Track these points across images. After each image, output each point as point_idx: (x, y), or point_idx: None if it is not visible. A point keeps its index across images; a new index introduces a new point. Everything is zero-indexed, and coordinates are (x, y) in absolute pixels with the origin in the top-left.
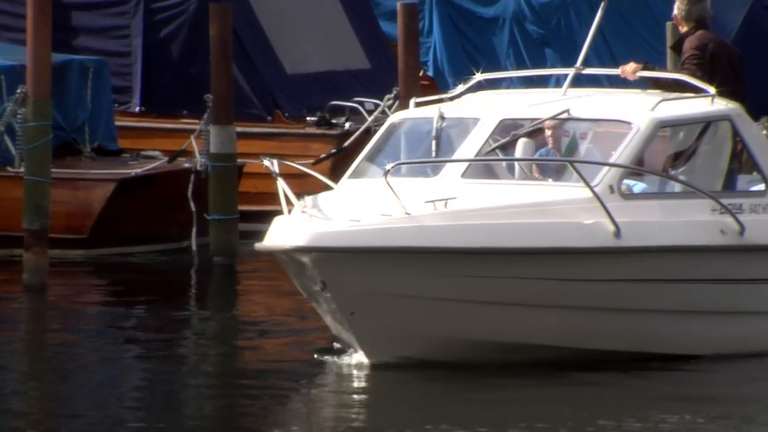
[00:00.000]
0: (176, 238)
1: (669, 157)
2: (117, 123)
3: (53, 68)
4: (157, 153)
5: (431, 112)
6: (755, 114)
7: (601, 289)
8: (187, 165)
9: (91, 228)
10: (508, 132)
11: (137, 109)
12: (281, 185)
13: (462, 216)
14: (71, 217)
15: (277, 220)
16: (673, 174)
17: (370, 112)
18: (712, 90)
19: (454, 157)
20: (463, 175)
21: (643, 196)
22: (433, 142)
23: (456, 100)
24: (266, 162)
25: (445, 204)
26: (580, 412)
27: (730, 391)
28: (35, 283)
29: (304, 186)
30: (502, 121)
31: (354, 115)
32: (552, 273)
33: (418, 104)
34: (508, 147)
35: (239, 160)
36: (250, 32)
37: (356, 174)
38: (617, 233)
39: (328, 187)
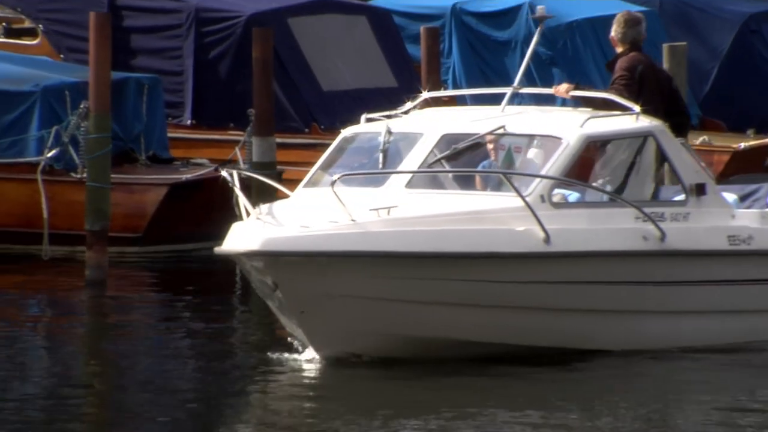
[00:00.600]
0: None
1: (597, 169)
2: (170, 134)
3: (112, 85)
4: (205, 161)
5: (380, 127)
6: (742, 127)
7: (532, 291)
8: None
9: (146, 228)
10: (449, 146)
11: (188, 122)
12: (239, 194)
13: (403, 223)
14: (128, 218)
15: (234, 226)
16: (601, 185)
17: None
18: (637, 108)
19: (399, 168)
20: (407, 185)
21: (573, 205)
22: (380, 155)
23: (404, 116)
24: (224, 173)
25: (388, 212)
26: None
27: (648, 384)
28: (96, 278)
29: None
30: (443, 136)
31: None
32: (486, 275)
33: (368, 120)
34: (450, 159)
35: (279, 168)
36: (290, 54)
37: (310, 183)
38: (547, 239)
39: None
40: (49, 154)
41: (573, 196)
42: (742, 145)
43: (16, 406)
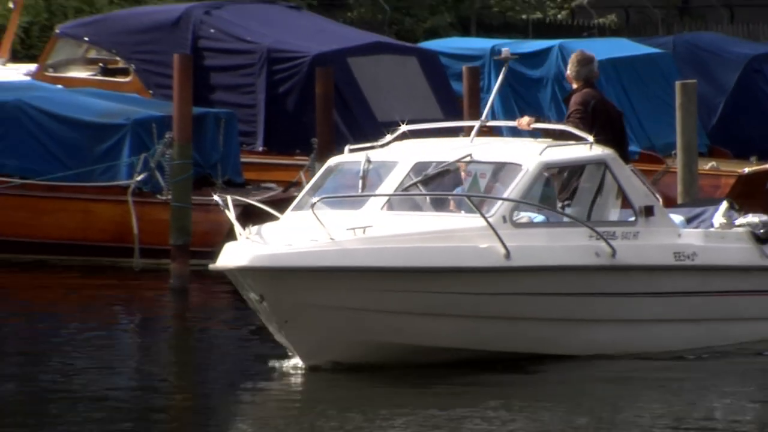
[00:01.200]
0: None
1: (556, 193)
2: (243, 159)
3: (193, 119)
4: (273, 184)
5: (360, 156)
6: (746, 154)
7: (494, 302)
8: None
9: (221, 243)
10: (421, 172)
11: (260, 148)
12: (231, 218)
13: (376, 241)
14: (206, 234)
15: (227, 245)
16: (561, 207)
17: None
18: (590, 138)
19: (377, 192)
20: (382, 208)
21: (532, 224)
22: (360, 181)
23: (384, 147)
24: (217, 197)
25: (363, 231)
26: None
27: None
28: (179, 286)
29: None
30: (416, 164)
31: None
32: (452, 288)
33: (351, 150)
34: (422, 184)
35: None
36: (349, 89)
37: (297, 207)
38: (507, 255)
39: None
40: (138, 178)
41: (539, 217)
42: (746, 170)
43: (106, 395)
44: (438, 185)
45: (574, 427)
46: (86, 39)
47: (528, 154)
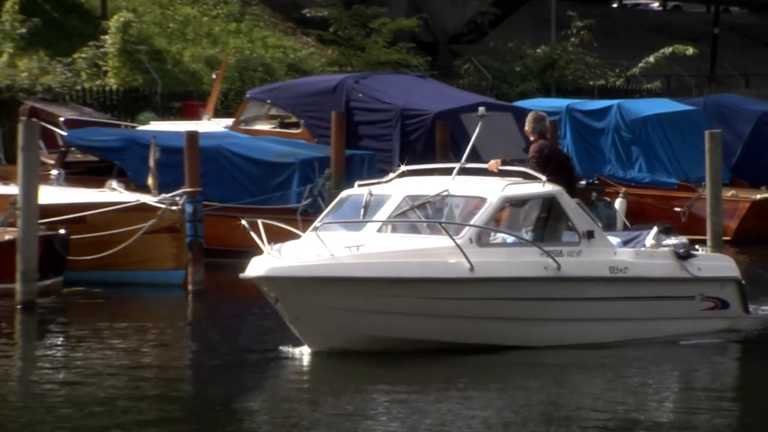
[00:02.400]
0: None
1: (520, 219)
2: None
3: (345, 158)
4: None
5: (364, 190)
6: (758, 185)
7: (462, 305)
8: None
9: None
10: (409, 204)
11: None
12: (255, 237)
13: (367, 256)
14: None
15: (253, 259)
16: (523, 231)
17: None
18: (544, 178)
19: (373, 221)
20: (377, 231)
21: (494, 244)
22: (362, 209)
23: (386, 183)
24: (244, 222)
25: (357, 249)
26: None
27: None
28: None
29: None
30: (406, 197)
31: None
32: (427, 294)
33: (360, 185)
34: (409, 213)
35: None
36: (461, 137)
37: (314, 229)
38: (471, 268)
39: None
40: (305, 203)
41: (510, 238)
42: (758, 196)
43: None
44: (421, 214)
45: (532, 399)
46: (269, 101)
47: (492, 189)
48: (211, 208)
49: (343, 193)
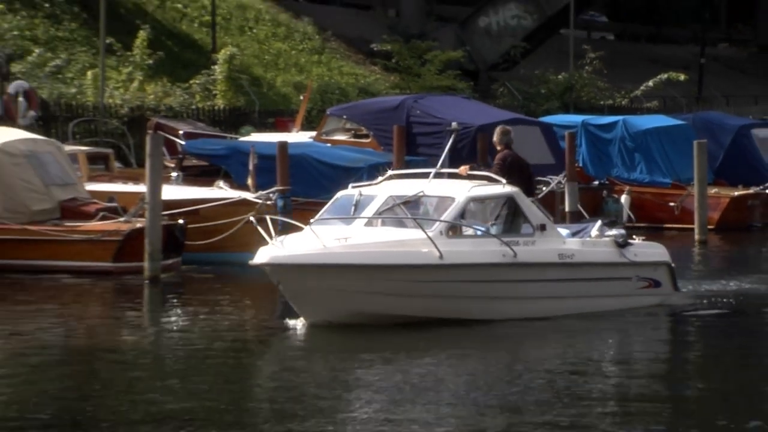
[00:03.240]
0: None
1: (487, 214)
2: None
3: (405, 162)
4: None
5: (356, 191)
6: (736, 184)
7: (433, 286)
8: None
9: None
10: (392, 202)
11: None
12: (262, 231)
13: (352, 246)
14: None
15: (260, 249)
16: (489, 225)
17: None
18: (504, 181)
19: (361, 216)
20: (364, 225)
21: (460, 236)
22: (353, 207)
23: (375, 185)
24: (251, 217)
25: (345, 240)
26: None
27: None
28: None
29: None
30: (389, 197)
31: (546, 184)
32: (403, 277)
33: (353, 186)
34: (392, 210)
35: None
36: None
37: (314, 222)
38: (441, 256)
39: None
40: None
41: (480, 230)
42: (736, 193)
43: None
44: (399, 210)
45: (493, 362)
46: (344, 117)
47: (460, 190)
48: (297, 202)
49: (339, 194)
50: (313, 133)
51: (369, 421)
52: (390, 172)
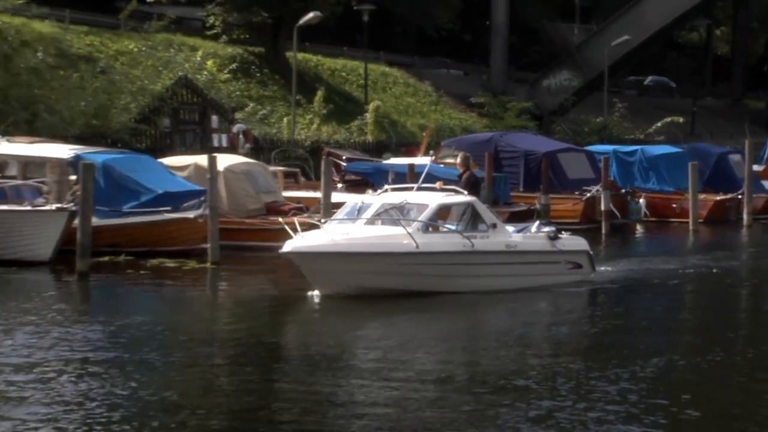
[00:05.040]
0: None
1: (453, 216)
2: (512, 193)
3: (493, 178)
4: (524, 206)
5: (359, 198)
6: (718, 192)
7: (412, 268)
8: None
9: None
10: (385, 208)
11: (520, 188)
12: (287, 228)
13: (352, 238)
14: None
15: (287, 242)
16: (458, 224)
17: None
18: (465, 193)
19: (362, 218)
20: (365, 224)
21: (434, 232)
22: (357, 210)
23: (378, 194)
24: (280, 219)
25: (348, 234)
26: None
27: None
28: None
29: None
30: (383, 204)
31: (587, 191)
32: (390, 261)
33: (364, 196)
34: (385, 213)
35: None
36: (557, 166)
37: (326, 223)
38: (417, 246)
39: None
40: None
41: (452, 228)
42: (718, 198)
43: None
44: (390, 213)
45: (457, 323)
46: (453, 146)
47: (433, 199)
48: None
49: (349, 201)
50: (432, 157)
51: (367, 360)
52: (386, 186)
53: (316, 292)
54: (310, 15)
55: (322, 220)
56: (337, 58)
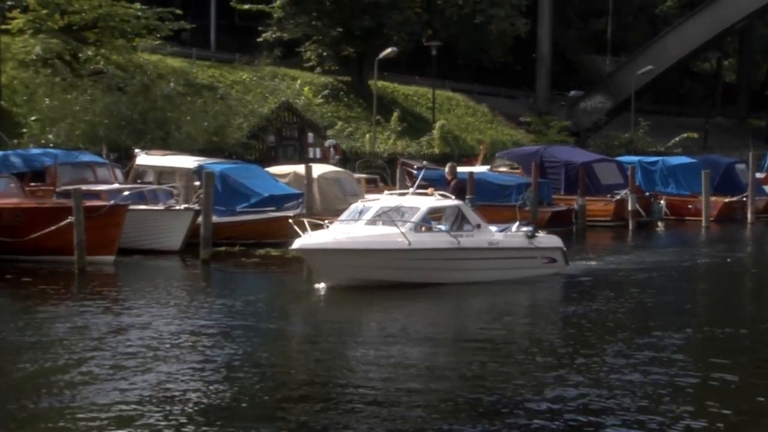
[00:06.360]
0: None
1: (444, 217)
2: (554, 196)
3: (540, 183)
4: (564, 206)
5: (361, 203)
6: (726, 195)
7: (405, 263)
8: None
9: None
10: (383, 210)
11: (561, 191)
12: (295, 227)
13: (353, 236)
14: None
15: (295, 240)
16: (448, 225)
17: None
18: (453, 197)
19: (363, 219)
20: (365, 224)
21: (424, 231)
22: (358, 212)
23: (376, 200)
24: (290, 219)
25: (349, 233)
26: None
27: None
28: None
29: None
30: (381, 206)
31: (617, 194)
32: (385, 257)
33: (363, 201)
34: (383, 214)
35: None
36: (592, 174)
37: (336, 223)
38: (409, 244)
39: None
40: (519, 203)
41: (443, 228)
42: (727, 200)
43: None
44: (387, 215)
45: (444, 308)
46: (506, 157)
47: (424, 202)
48: (479, 205)
49: (353, 205)
50: (488, 167)
51: (366, 343)
52: (386, 192)
53: (322, 284)
54: (388, 50)
55: (327, 221)
56: (410, 85)
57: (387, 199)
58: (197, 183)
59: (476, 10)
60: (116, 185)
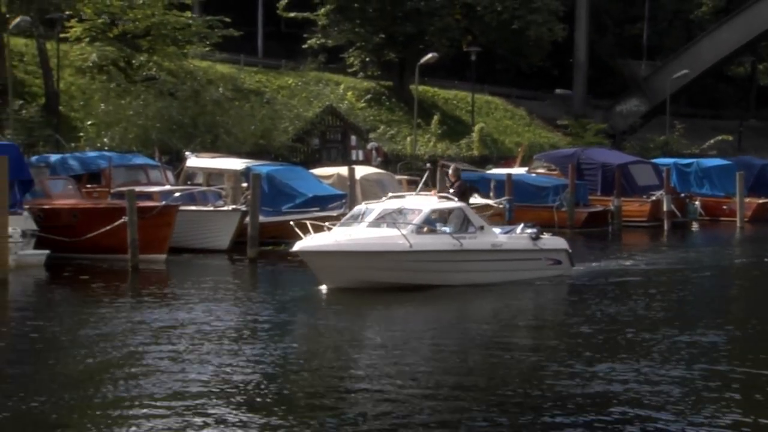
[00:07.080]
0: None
1: (451, 219)
2: (591, 197)
3: (575, 185)
4: (600, 207)
5: (364, 205)
6: (760, 196)
7: (406, 264)
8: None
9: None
10: (385, 212)
11: (597, 192)
12: (298, 230)
13: (353, 238)
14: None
15: (297, 242)
16: (451, 226)
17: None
18: (456, 199)
19: (365, 221)
20: (367, 226)
21: (428, 232)
22: (362, 214)
23: (379, 202)
24: (292, 222)
25: (350, 235)
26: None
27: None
28: None
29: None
30: (383, 209)
31: (653, 195)
32: (387, 258)
33: (365, 204)
34: (385, 216)
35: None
36: (628, 175)
37: (338, 225)
38: (410, 245)
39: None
40: (556, 204)
41: (446, 229)
42: (761, 201)
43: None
44: (390, 217)
45: (448, 311)
46: (543, 159)
47: (427, 204)
48: (517, 206)
49: (356, 207)
50: (526, 169)
51: (366, 344)
52: (390, 195)
53: (323, 286)
54: (429, 56)
55: (328, 224)
56: (450, 89)
57: (389, 202)
58: (245, 184)
59: (515, 16)
60: (168, 187)
